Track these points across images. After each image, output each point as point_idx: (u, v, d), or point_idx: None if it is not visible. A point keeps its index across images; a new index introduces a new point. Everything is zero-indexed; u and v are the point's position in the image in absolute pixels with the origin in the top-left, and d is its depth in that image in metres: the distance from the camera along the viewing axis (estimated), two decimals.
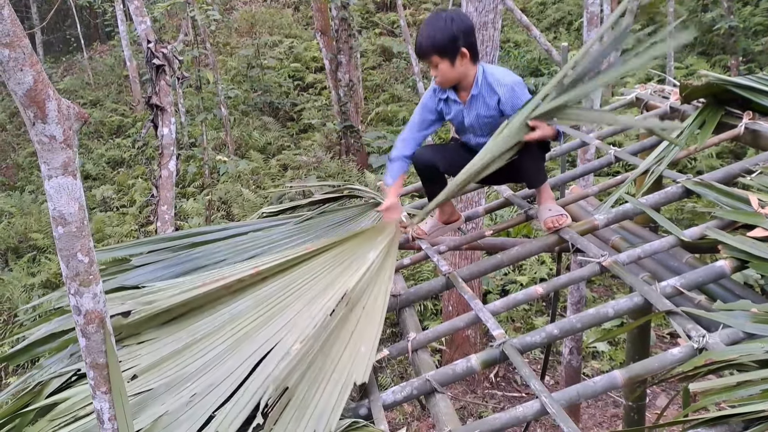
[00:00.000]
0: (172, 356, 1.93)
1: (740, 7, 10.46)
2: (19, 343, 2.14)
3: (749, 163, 2.40)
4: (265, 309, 2.07)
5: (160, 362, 1.91)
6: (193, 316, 2.07)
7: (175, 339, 1.99)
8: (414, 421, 5.38)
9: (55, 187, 1.36)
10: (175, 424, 1.71)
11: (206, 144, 9.20)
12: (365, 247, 2.27)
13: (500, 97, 2.33)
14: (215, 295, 2.11)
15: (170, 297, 2.10)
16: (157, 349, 1.96)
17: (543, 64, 11.45)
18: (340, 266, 2.21)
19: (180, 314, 2.06)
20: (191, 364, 1.89)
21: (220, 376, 1.83)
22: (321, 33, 10.01)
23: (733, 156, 7.96)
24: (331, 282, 2.13)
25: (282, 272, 2.20)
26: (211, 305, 2.10)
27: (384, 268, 2.20)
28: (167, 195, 4.70)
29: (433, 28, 2.27)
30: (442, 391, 1.77)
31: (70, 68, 16.60)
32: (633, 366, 1.71)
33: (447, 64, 2.29)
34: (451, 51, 2.27)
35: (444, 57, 2.28)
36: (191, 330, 2.02)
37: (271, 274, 2.18)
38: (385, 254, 2.25)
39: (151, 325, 2.03)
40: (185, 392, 1.80)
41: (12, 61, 1.24)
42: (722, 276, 1.92)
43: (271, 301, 2.09)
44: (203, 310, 2.08)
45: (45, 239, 8.75)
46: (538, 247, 2.39)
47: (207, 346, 1.95)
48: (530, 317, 6.48)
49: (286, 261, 2.22)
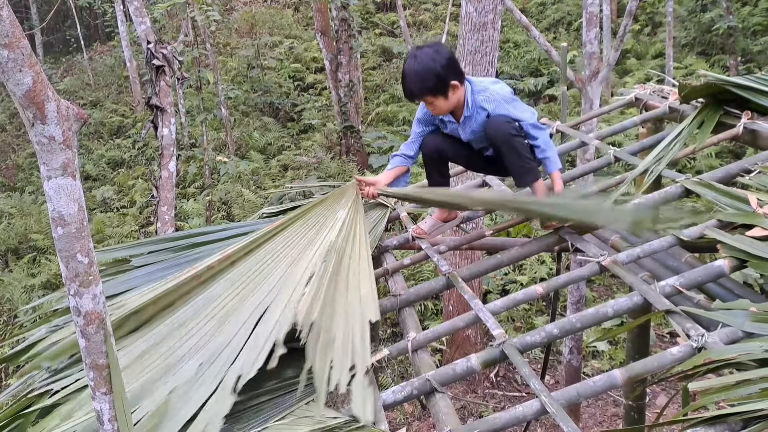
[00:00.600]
0: (154, 348, 1.93)
1: (739, 7, 10.47)
2: (19, 344, 2.14)
3: (748, 162, 2.40)
4: (245, 283, 2.10)
5: (143, 355, 1.91)
6: (166, 314, 2.06)
7: (153, 334, 1.99)
8: (414, 421, 5.39)
9: (55, 188, 1.36)
10: (189, 394, 1.74)
11: (206, 144, 9.20)
12: (332, 210, 2.33)
13: (489, 112, 2.36)
14: (185, 288, 2.11)
15: (139, 297, 2.10)
16: (135, 347, 1.96)
17: (542, 65, 11.46)
18: (312, 229, 2.26)
19: (151, 315, 2.05)
20: (182, 346, 1.91)
21: (222, 342, 1.87)
22: (321, 33, 10.02)
23: (732, 156, 7.96)
24: (309, 242, 2.19)
25: (252, 251, 2.22)
26: (182, 299, 2.09)
27: (356, 222, 2.27)
28: (167, 195, 4.71)
29: (418, 72, 2.27)
30: (443, 390, 1.78)
31: (70, 69, 16.61)
32: (633, 365, 1.71)
33: (441, 100, 2.32)
34: (443, 87, 2.28)
35: (437, 95, 2.30)
36: (168, 324, 2.02)
37: (242, 255, 2.20)
38: (354, 211, 2.32)
39: (124, 331, 2.02)
40: (188, 368, 1.82)
41: (11, 62, 1.24)
42: (721, 275, 1.92)
43: (250, 274, 2.12)
44: (175, 307, 2.08)
45: (45, 240, 8.75)
46: (538, 247, 2.39)
47: (192, 328, 1.96)
48: (530, 317, 6.49)
49: (253, 241, 2.25)
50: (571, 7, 12.54)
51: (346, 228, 2.24)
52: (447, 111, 2.39)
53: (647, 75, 9.57)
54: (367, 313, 1.90)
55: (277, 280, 2.07)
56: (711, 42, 10.29)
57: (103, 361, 1.49)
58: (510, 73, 11.49)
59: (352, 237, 2.22)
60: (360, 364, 1.75)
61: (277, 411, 1.76)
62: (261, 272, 2.13)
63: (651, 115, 3.14)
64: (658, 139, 2.85)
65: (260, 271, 2.14)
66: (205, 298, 2.08)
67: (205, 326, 1.96)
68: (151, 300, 2.06)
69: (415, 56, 2.29)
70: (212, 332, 1.93)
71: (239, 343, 1.85)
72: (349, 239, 2.21)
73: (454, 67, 2.30)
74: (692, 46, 10.48)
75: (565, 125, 3.37)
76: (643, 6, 11.94)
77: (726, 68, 9.47)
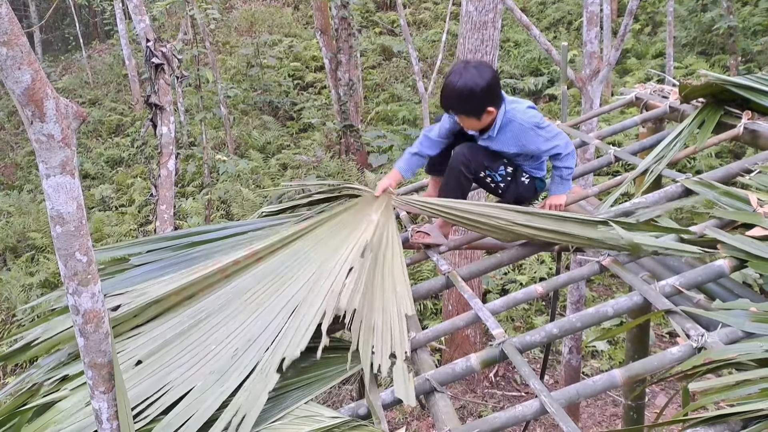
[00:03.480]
0: (181, 336, 2.02)
1: (739, 7, 10.46)
2: (17, 343, 2.14)
3: (748, 162, 2.40)
4: (278, 276, 2.21)
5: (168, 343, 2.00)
6: (187, 304, 2.15)
7: (177, 323, 2.08)
8: (414, 421, 5.39)
9: (54, 186, 1.35)
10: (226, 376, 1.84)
11: (206, 143, 9.19)
12: (365, 212, 2.45)
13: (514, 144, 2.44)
14: (209, 281, 2.19)
15: (162, 286, 2.17)
16: (159, 333, 2.04)
17: (543, 64, 11.46)
18: (347, 228, 2.38)
19: (173, 304, 2.14)
20: (215, 334, 2.00)
21: (258, 329, 1.97)
22: (321, 32, 10.00)
23: (732, 155, 7.96)
24: (344, 240, 2.30)
25: (280, 249, 2.32)
26: (204, 292, 2.18)
27: (389, 225, 2.38)
28: (166, 194, 4.70)
29: (460, 91, 2.30)
30: (442, 390, 1.77)
31: (69, 67, 16.59)
32: (632, 365, 1.71)
33: (473, 121, 2.39)
34: (478, 111, 2.34)
35: (471, 116, 2.37)
36: (191, 314, 2.10)
37: (268, 252, 2.30)
38: (386, 215, 2.42)
39: (145, 318, 2.10)
40: (224, 353, 1.91)
41: (10, 60, 1.24)
42: (721, 275, 1.92)
43: (281, 269, 2.24)
44: (197, 298, 2.16)
45: (43, 239, 8.74)
46: (538, 247, 2.39)
47: (223, 318, 2.06)
48: (530, 316, 6.49)
49: (280, 239, 2.34)
50: (571, 7, 12.54)
51: (380, 230, 2.36)
52: (476, 129, 2.46)
53: (647, 74, 9.57)
54: (402, 307, 2.04)
55: (312, 272, 2.18)
56: (711, 42, 10.28)
57: (101, 360, 1.49)
58: (510, 73, 11.48)
59: (386, 238, 2.34)
60: (400, 351, 1.86)
61: (277, 411, 1.76)
62: (294, 266, 2.24)
63: (651, 115, 3.14)
64: (659, 138, 2.85)
65: (293, 265, 2.24)
66: (233, 291, 2.17)
67: (237, 316, 2.06)
68: (173, 290, 2.14)
69: (461, 74, 2.31)
70: (246, 321, 2.03)
71: (278, 327, 1.97)
72: (382, 239, 2.33)
73: (493, 94, 2.32)
74: (692, 45, 10.48)
75: (565, 125, 3.37)
76: (643, 5, 11.94)
77: (726, 68, 9.47)
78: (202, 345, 1.98)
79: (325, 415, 1.71)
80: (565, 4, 12.76)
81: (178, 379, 1.86)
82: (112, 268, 2.37)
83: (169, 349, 1.98)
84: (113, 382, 1.52)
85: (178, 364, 1.92)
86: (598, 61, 5.11)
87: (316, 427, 1.65)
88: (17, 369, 6.48)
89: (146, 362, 1.93)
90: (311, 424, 1.67)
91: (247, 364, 1.87)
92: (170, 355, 1.96)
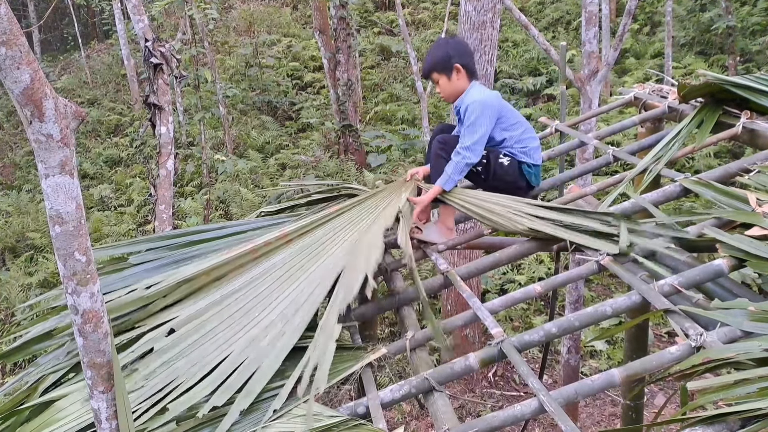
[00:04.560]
0: (219, 308, 2.14)
1: (738, 7, 10.47)
2: (16, 342, 2.13)
3: (747, 162, 2.40)
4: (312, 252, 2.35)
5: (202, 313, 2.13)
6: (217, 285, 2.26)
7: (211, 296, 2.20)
8: (412, 420, 5.39)
9: (53, 186, 1.35)
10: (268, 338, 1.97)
11: (204, 143, 9.18)
12: (395, 193, 2.65)
13: (459, 108, 2.61)
14: (239, 261, 2.31)
15: (192, 267, 2.29)
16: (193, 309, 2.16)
17: (541, 64, 11.46)
18: (378, 208, 2.57)
19: (204, 284, 2.25)
20: (257, 305, 2.13)
21: (303, 295, 2.12)
22: (320, 32, 10.00)
23: (731, 155, 7.97)
24: (379, 214, 2.50)
25: (311, 231, 2.48)
26: (235, 272, 2.29)
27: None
28: (165, 194, 4.70)
29: (432, 50, 2.64)
30: (441, 389, 1.77)
31: (68, 67, 16.57)
32: (631, 364, 1.71)
33: (444, 79, 2.61)
34: (447, 67, 2.59)
35: (441, 72, 2.61)
36: (226, 291, 2.21)
37: (297, 235, 2.45)
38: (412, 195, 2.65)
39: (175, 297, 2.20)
40: (260, 319, 2.05)
41: (9, 60, 1.24)
42: (720, 275, 1.92)
43: (314, 245, 2.38)
44: (228, 278, 2.27)
45: (42, 238, 8.73)
46: (537, 246, 2.39)
47: (262, 292, 2.18)
48: (529, 316, 6.49)
49: (310, 222, 2.50)
50: (570, 6, 12.55)
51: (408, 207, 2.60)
52: (453, 96, 2.64)
53: (646, 74, 9.58)
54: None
55: (354, 239, 2.37)
56: (710, 42, 10.30)
57: (100, 360, 1.49)
58: (509, 72, 11.49)
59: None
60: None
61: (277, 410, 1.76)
62: (335, 238, 2.42)
63: (650, 115, 3.14)
64: (657, 138, 2.85)
65: (329, 240, 2.42)
66: (264, 268, 2.30)
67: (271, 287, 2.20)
68: (204, 270, 2.26)
69: (438, 40, 2.70)
70: (290, 286, 2.19)
71: (325, 289, 2.13)
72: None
73: (462, 56, 2.59)
74: (691, 45, 10.49)
75: (564, 124, 3.37)
76: (642, 5, 11.95)
77: (725, 68, 9.48)
78: (243, 313, 2.11)
79: (324, 414, 1.71)
80: (563, 3, 12.77)
81: (238, 343, 1.98)
82: (112, 268, 2.37)
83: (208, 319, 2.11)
84: (112, 381, 1.52)
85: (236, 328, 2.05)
86: (597, 60, 5.11)
87: (315, 426, 1.65)
88: (16, 368, 6.47)
89: (206, 327, 2.06)
90: (310, 423, 1.66)
91: (298, 324, 2.00)
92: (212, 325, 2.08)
